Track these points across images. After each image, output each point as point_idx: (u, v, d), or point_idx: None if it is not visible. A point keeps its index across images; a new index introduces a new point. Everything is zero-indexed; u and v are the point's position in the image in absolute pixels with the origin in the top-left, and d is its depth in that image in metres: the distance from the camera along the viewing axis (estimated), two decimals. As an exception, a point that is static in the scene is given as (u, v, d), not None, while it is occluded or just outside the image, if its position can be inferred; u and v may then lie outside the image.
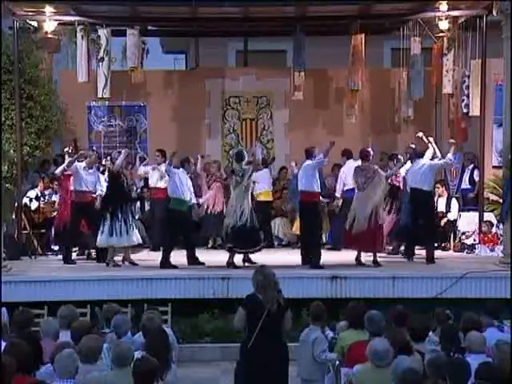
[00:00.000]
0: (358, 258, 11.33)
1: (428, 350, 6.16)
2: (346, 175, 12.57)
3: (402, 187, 12.55)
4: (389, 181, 12.08)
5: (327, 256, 11.61)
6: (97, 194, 11.96)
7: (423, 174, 11.56)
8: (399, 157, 12.72)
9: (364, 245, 11.26)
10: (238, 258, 11.24)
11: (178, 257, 11.50)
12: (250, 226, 10.93)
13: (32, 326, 6.89)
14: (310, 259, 11.17)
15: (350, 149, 12.89)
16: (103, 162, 12.50)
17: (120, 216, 11.30)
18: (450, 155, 11.75)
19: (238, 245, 11.03)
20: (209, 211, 13.31)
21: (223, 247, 11.67)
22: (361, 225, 11.08)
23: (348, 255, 11.73)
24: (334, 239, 13.15)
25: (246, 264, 11.17)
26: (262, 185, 13.43)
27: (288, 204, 13.95)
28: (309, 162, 11.37)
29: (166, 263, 11.22)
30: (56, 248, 12.96)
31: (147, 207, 14.01)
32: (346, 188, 12.63)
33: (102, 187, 11.97)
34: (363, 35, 13.87)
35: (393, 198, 12.61)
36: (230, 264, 11.13)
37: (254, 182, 12.69)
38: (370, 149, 11.75)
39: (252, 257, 11.23)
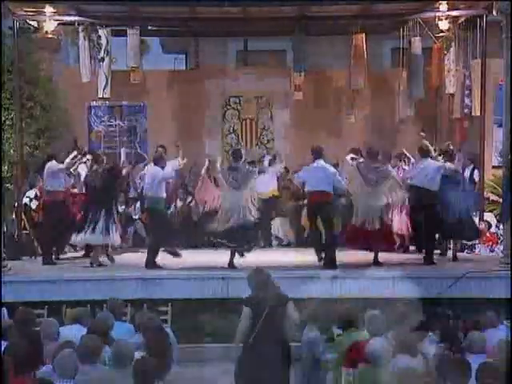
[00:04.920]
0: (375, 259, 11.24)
1: (429, 350, 6.16)
2: None
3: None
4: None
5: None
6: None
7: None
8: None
9: (372, 243, 11.17)
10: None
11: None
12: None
13: (33, 325, 6.89)
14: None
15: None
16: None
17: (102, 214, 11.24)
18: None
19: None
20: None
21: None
22: (370, 223, 11.00)
23: (347, 255, 11.72)
24: None
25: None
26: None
27: None
28: None
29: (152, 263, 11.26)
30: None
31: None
32: None
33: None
34: (364, 35, 13.88)
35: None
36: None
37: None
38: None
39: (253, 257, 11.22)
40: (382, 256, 11.40)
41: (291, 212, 14.07)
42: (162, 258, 11.37)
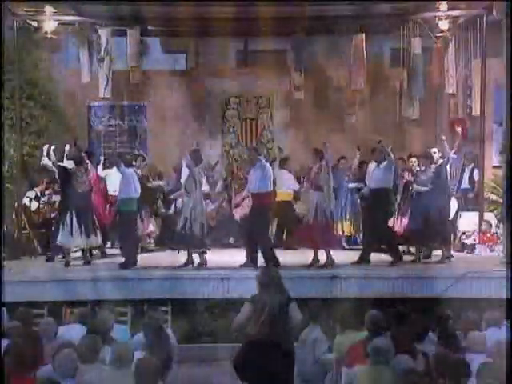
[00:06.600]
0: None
1: (429, 350, 6.17)
2: None
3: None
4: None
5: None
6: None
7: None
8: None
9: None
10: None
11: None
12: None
13: (32, 325, 6.90)
14: None
15: None
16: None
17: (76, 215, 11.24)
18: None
19: None
20: None
21: None
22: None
23: (348, 255, 11.72)
24: None
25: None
26: None
27: None
28: None
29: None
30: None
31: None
32: None
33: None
34: (363, 35, 13.87)
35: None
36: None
37: None
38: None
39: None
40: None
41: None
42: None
